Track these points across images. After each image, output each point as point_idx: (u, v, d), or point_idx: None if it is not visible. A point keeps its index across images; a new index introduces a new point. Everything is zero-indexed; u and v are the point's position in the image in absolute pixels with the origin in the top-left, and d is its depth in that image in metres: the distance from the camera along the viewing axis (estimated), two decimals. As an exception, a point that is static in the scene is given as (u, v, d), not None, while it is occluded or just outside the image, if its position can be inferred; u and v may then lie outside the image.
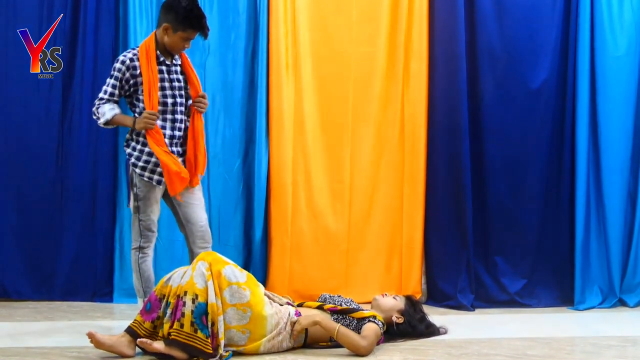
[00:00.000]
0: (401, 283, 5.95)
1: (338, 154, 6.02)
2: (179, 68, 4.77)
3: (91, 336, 4.12)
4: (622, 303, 5.95)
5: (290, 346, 4.35)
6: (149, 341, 4.08)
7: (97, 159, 5.90)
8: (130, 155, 4.70)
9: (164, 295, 4.20)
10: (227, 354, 4.16)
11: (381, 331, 4.45)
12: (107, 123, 4.69)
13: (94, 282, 5.90)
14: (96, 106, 4.69)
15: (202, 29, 4.69)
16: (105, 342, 4.13)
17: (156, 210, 4.76)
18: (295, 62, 5.95)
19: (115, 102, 4.70)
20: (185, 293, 4.09)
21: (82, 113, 5.85)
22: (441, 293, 5.91)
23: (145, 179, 4.65)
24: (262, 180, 5.92)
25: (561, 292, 5.98)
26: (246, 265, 5.96)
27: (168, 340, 4.08)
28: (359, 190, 6.01)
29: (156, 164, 4.62)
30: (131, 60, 4.64)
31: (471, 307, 5.78)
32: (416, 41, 5.95)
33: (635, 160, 6.00)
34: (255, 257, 5.96)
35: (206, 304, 4.08)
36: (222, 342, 4.12)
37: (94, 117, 4.74)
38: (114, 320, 5.33)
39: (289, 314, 4.36)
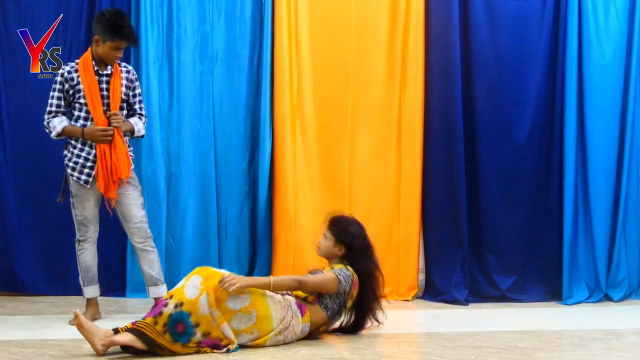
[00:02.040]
0: (399, 279, 5.95)
1: (338, 156, 6.03)
2: (106, 78, 4.96)
3: (76, 316, 4.04)
4: (607, 298, 5.95)
5: (295, 338, 4.36)
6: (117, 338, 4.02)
7: (110, 161, 5.93)
8: (65, 156, 4.96)
9: (181, 302, 4.11)
10: (234, 347, 4.15)
11: (339, 276, 4.42)
12: (58, 135, 4.92)
13: (107, 278, 5.88)
14: (46, 121, 4.95)
15: (127, 38, 4.90)
16: (85, 325, 4.02)
17: (89, 207, 4.97)
18: (298, 69, 5.98)
19: (63, 113, 4.94)
20: (171, 297, 4.08)
21: (96, 118, 5.89)
22: (437, 288, 5.92)
23: (75, 178, 4.90)
24: (266, 181, 5.94)
25: (550, 288, 5.98)
26: (252, 261, 6.00)
27: (133, 330, 4.01)
28: (358, 191, 6.02)
29: (84, 166, 4.90)
30: (69, 72, 4.91)
31: (465, 302, 5.79)
32: (413, 49, 5.97)
33: (619, 164, 6.00)
34: (261, 254, 5.99)
35: (188, 314, 4.03)
36: (235, 346, 4.14)
37: (46, 130, 4.97)
38: (127, 313, 5.35)
39: (291, 306, 4.35)
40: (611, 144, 6.00)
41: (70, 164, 4.95)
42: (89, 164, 4.91)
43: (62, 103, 4.94)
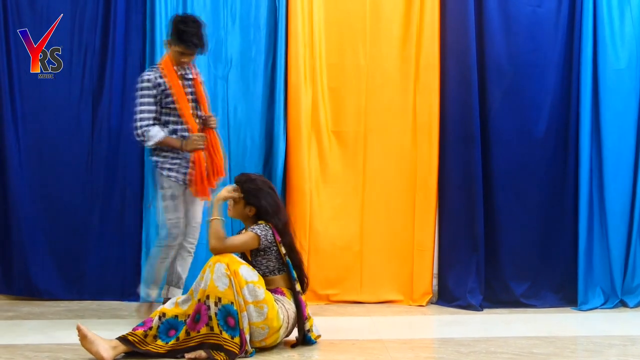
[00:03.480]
0: (412, 284, 5.93)
1: (352, 161, 6.03)
2: (189, 82, 5.00)
3: (79, 329, 4.06)
4: (623, 304, 5.92)
5: (293, 320, 4.41)
6: (193, 353, 4.08)
7: (125, 165, 5.94)
8: (157, 162, 4.92)
9: (163, 314, 4.19)
10: (251, 350, 4.16)
11: (259, 233, 4.38)
12: (154, 144, 4.90)
13: (122, 283, 5.92)
14: (141, 129, 4.86)
15: (186, 44, 4.89)
16: (87, 336, 4.05)
17: (183, 210, 4.98)
18: (312, 74, 5.98)
19: (156, 119, 4.91)
20: (208, 297, 4.08)
21: (111, 123, 5.91)
22: (451, 294, 5.90)
23: (173, 179, 4.90)
24: (281, 186, 5.93)
25: (565, 294, 5.96)
26: (267, 267, 6.01)
27: (209, 345, 4.07)
28: (373, 196, 6.01)
29: (181, 165, 4.92)
30: (156, 78, 4.89)
31: (480, 308, 5.77)
32: (429, 55, 5.96)
33: (636, 169, 5.98)
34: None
35: (230, 304, 4.07)
36: (247, 337, 4.12)
37: (138, 138, 4.91)
38: (142, 318, 5.32)
39: (278, 299, 4.35)
40: (627, 149, 5.97)
41: (167, 166, 4.96)
42: (184, 163, 4.96)
43: (154, 108, 4.92)
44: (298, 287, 4.45)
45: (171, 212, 4.95)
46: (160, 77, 4.90)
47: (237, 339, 4.07)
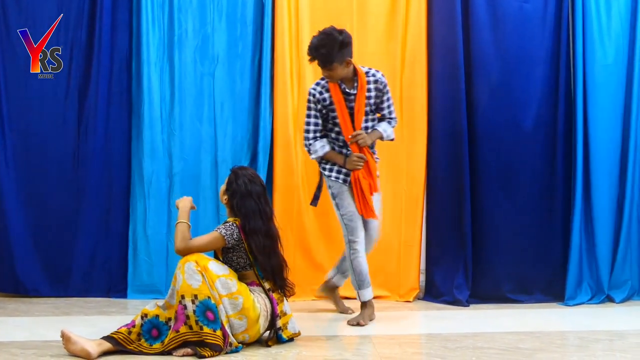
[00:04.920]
0: (399, 279, 5.94)
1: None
2: (351, 96, 5.02)
3: (63, 334, 4.08)
4: (609, 299, 5.94)
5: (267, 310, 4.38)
6: (180, 351, 4.09)
7: (111, 162, 5.93)
8: (320, 163, 5.14)
9: (145, 314, 4.19)
10: (236, 344, 4.17)
11: (223, 233, 4.36)
12: (319, 157, 5.06)
13: (109, 280, 5.93)
14: (307, 142, 5.09)
15: (308, 55, 5.03)
16: (71, 337, 4.05)
17: (352, 202, 5.03)
18: (298, 70, 5.99)
19: (322, 134, 5.07)
20: (183, 297, 4.09)
21: (97, 119, 5.90)
22: (438, 289, 5.90)
23: (333, 178, 5.03)
24: (268, 181, 5.91)
25: (551, 289, 5.97)
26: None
27: (188, 343, 4.10)
28: None
29: (341, 167, 5.07)
30: (320, 93, 5.01)
31: (466, 303, 5.77)
32: (415, 49, 5.97)
33: (622, 165, 6.00)
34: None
35: (208, 299, 4.08)
36: (229, 330, 4.14)
37: (306, 149, 5.12)
38: (128, 315, 5.30)
39: (253, 290, 4.35)
40: (614, 146, 5.98)
41: (328, 166, 5.09)
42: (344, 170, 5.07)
43: (320, 122, 5.04)
44: (267, 285, 4.42)
45: (341, 208, 5.05)
46: (327, 91, 4.99)
47: (219, 332, 4.08)
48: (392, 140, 5.25)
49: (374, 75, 5.05)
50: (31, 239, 5.91)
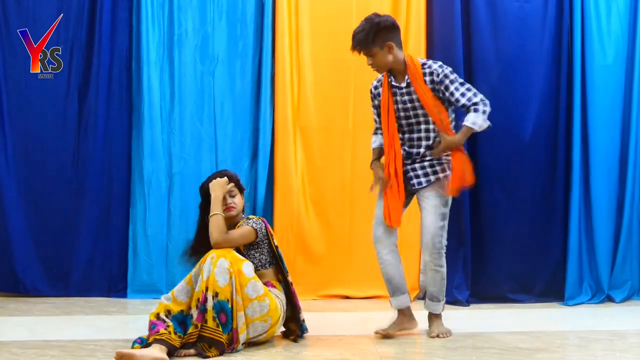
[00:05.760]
0: (400, 279, 5.94)
1: (339, 157, 6.05)
2: (400, 91, 4.58)
3: (122, 355, 3.83)
4: (609, 299, 5.96)
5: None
6: (182, 351, 4.02)
7: (111, 162, 5.95)
8: None
9: (169, 311, 4.13)
10: (240, 347, 4.14)
11: (255, 227, 4.38)
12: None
13: (109, 279, 5.95)
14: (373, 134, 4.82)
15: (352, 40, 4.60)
16: (134, 354, 3.82)
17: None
18: (298, 70, 6.01)
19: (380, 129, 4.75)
20: (207, 288, 4.06)
21: (98, 118, 5.92)
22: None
23: None
24: (267, 181, 5.95)
25: (552, 289, 5.98)
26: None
27: (194, 341, 4.05)
28: (359, 191, 5.99)
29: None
30: (375, 88, 4.74)
31: (466, 303, 5.80)
32: (415, 49, 5.95)
33: (622, 164, 6.02)
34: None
35: (226, 301, 4.05)
36: (242, 337, 4.11)
37: None
38: (128, 315, 5.37)
39: (271, 290, 4.36)
40: (613, 145, 6.01)
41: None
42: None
43: (377, 117, 4.78)
44: (289, 278, 4.47)
45: (378, 208, 4.74)
46: (381, 85, 4.66)
47: (225, 336, 4.05)
48: (489, 127, 4.59)
49: (429, 67, 4.51)
50: (31, 238, 5.92)
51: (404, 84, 4.56)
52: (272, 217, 5.97)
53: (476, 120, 4.48)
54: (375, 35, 4.44)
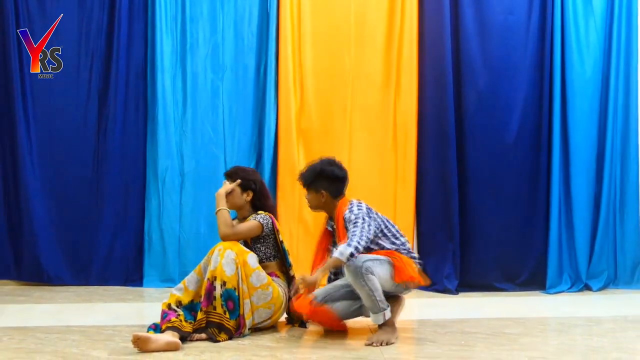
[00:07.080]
0: (393, 270, 5.99)
1: (338, 156, 5.80)
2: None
3: (138, 338, 3.82)
4: (587, 288, 5.98)
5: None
6: (195, 335, 4.07)
7: (128, 161, 5.99)
8: None
9: (180, 302, 4.17)
10: (245, 330, 4.20)
11: (262, 222, 4.44)
12: None
13: (126, 269, 5.99)
14: None
15: None
16: (150, 337, 3.84)
17: None
18: (300, 77, 6.05)
19: None
20: (215, 278, 4.11)
21: (116, 122, 5.96)
22: (429, 279, 5.93)
23: None
24: (271, 180, 5.98)
25: (534, 279, 6.01)
26: (258, 254, 6.07)
27: (204, 326, 4.10)
28: (357, 189, 5.83)
29: None
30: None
31: (455, 291, 5.82)
32: (407, 58, 6.03)
33: (599, 165, 6.06)
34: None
35: (234, 289, 4.11)
36: (248, 322, 4.18)
37: None
38: (144, 302, 5.41)
39: (274, 280, 4.42)
40: (591, 146, 6.05)
41: None
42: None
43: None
44: (292, 272, 4.53)
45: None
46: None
47: (233, 322, 4.12)
48: (347, 256, 4.09)
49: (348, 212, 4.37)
50: (55, 232, 5.97)
51: (329, 228, 4.57)
52: (275, 213, 5.96)
53: (342, 251, 4.12)
54: (314, 179, 4.46)
